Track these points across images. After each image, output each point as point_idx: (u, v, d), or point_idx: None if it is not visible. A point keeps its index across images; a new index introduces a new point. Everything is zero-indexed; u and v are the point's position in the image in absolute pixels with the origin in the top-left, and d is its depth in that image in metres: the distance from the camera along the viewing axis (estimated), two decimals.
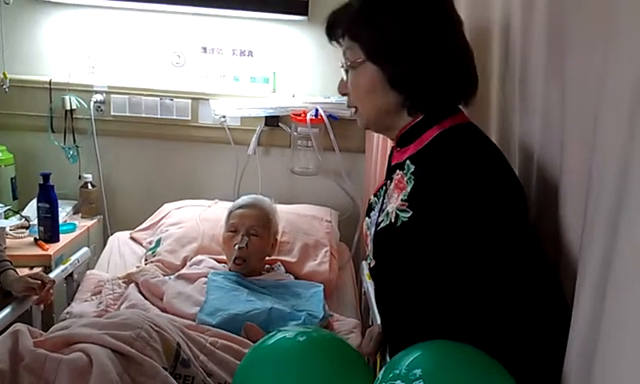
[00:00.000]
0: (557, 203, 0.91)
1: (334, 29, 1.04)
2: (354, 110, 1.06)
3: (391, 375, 0.80)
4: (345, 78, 1.04)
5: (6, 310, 1.58)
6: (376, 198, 1.10)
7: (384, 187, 1.08)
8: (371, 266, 1.06)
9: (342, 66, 1.03)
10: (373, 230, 1.05)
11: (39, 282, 1.59)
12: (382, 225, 0.99)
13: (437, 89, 0.96)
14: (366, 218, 1.12)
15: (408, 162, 0.98)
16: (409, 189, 0.95)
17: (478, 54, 1.22)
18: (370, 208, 1.11)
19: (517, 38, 1.07)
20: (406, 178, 0.97)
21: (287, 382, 0.91)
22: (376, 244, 1.03)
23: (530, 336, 0.87)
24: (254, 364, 0.99)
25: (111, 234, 2.33)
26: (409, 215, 0.93)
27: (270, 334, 1.02)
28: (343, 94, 1.06)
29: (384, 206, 1.03)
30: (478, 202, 0.88)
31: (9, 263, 1.64)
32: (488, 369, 0.80)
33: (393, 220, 0.96)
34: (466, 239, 0.89)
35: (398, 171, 1.01)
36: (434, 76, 0.95)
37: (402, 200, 0.95)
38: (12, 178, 2.32)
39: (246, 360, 1.02)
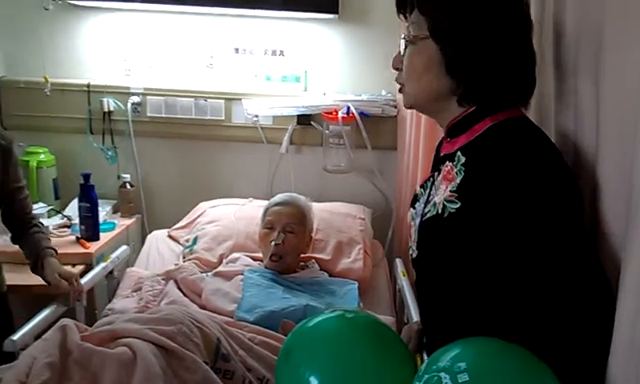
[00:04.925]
0: (594, 194, 0.90)
1: (406, 1, 1.02)
2: (398, 87, 1.05)
3: (434, 367, 0.79)
4: (402, 52, 1.02)
5: (52, 306, 1.64)
6: (422, 189, 1.09)
7: (431, 178, 1.07)
8: (413, 256, 1.06)
9: (404, 38, 1.01)
10: (418, 220, 1.04)
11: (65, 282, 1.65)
12: (428, 215, 0.98)
13: (491, 83, 0.95)
14: (411, 209, 1.11)
15: (459, 153, 0.97)
16: (458, 180, 0.94)
17: None
18: (415, 199, 1.10)
19: (549, 27, 1.06)
20: (455, 170, 0.96)
21: (336, 359, 0.92)
22: (421, 234, 1.02)
23: (575, 336, 0.86)
24: (303, 336, 1.00)
25: (149, 233, 2.38)
26: (457, 206, 0.92)
27: (322, 312, 1.04)
28: (396, 69, 1.05)
29: (431, 197, 1.02)
30: (530, 198, 0.86)
31: (52, 251, 1.71)
32: (533, 366, 0.79)
33: (440, 211, 0.95)
34: (514, 234, 0.87)
35: (447, 162, 1.00)
36: (491, 69, 0.94)
37: (450, 191, 0.95)
38: (54, 179, 2.40)
39: (294, 334, 1.02)
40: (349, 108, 2.32)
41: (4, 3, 2.42)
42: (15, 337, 1.47)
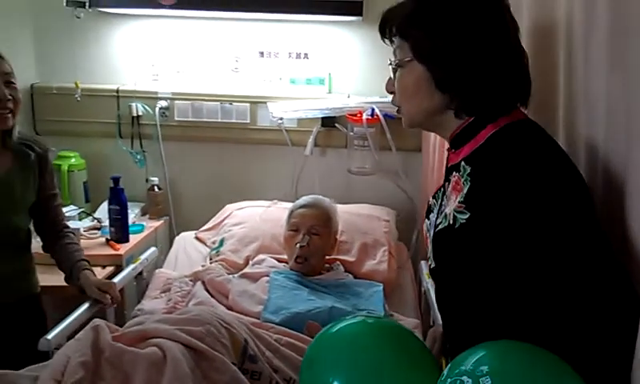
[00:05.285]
0: (623, 205, 0.88)
1: (387, 27, 1.04)
2: (397, 109, 1.07)
3: (457, 371, 0.79)
4: (392, 76, 1.05)
5: (84, 306, 1.69)
6: (434, 200, 1.10)
7: (442, 189, 1.08)
8: (431, 267, 1.07)
9: (390, 64, 1.04)
10: (432, 231, 1.05)
11: (107, 295, 1.69)
12: (441, 227, 0.99)
13: (482, 92, 0.96)
14: (426, 220, 1.12)
15: (463, 163, 0.98)
16: (465, 190, 0.95)
17: (543, 53, 1.20)
18: (429, 210, 1.12)
19: (580, 37, 1.04)
20: (462, 180, 0.97)
21: (358, 365, 0.93)
22: (435, 246, 1.03)
23: (598, 335, 0.85)
24: (325, 344, 1.01)
25: (177, 235, 2.42)
26: (466, 217, 0.93)
27: (343, 318, 1.05)
28: (390, 92, 1.07)
29: (442, 208, 1.03)
30: (538, 200, 0.86)
31: (86, 263, 1.75)
32: (556, 367, 0.79)
33: (451, 222, 0.96)
34: (526, 238, 0.87)
35: (454, 173, 1.01)
36: (480, 80, 0.95)
37: (459, 202, 0.95)
38: (84, 182, 2.46)
39: (316, 342, 1.04)
40: (373, 110, 2.32)
41: (37, 13, 2.49)
42: (50, 336, 1.51)
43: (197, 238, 2.33)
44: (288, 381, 1.41)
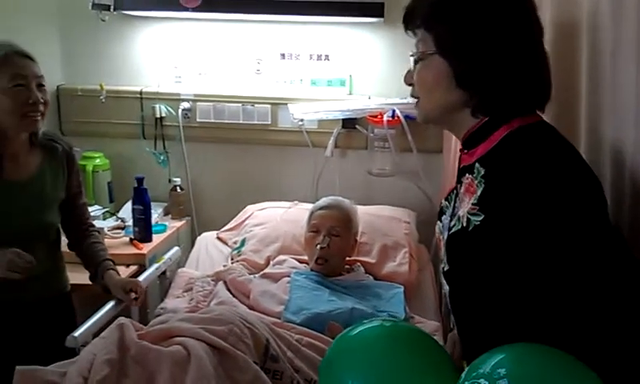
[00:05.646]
0: None
1: (412, 18, 1.03)
2: (415, 101, 1.06)
3: (474, 374, 0.79)
4: (413, 68, 1.04)
5: (110, 305, 1.72)
6: (447, 202, 1.09)
7: (455, 191, 1.07)
8: (445, 270, 1.06)
9: (412, 55, 1.03)
10: (445, 234, 1.04)
11: (134, 293, 1.72)
12: (454, 229, 0.98)
13: (503, 93, 0.95)
14: (438, 223, 1.11)
15: (477, 164, 0.97)
16: (479, 192, 0.94)
17: (566, 51, 1.18)
18: (442, 212, 1.10)
19: (606, 33, 1.02)
20: (476, 182, 0.96)
21: (376, 368, 0.93)
22: (449, 249, 1.02)
23: (616, 337, 0.84)
24: (344, 346, 1.02)
25: (199, 235, 2.45)
26: (480, 219, 0.92)
27: (361, 322, 1.06)
28: (409, 84, 1.06)
29: (455, 211, 1.02)
30: (553, 202, 0.85)
31: (111, 263, 1.78)
32: (574, 369, 0.78)
33: (464, 224, 0.95)
34: (541, 240, 0.86)
35: (467, 175, 1.00)
36: (502, 79, 0.94)
37: (472, 204, 0.94)
38: (109, 182, 2.50)
39: (335, 345, 1.05)
40: (394, 111, 2.32)
41: (63, 15, 2.54)
42: (76, 334, 1.54)
43: (218, 238, 2.36)
44: (309, 381, 1.42)
